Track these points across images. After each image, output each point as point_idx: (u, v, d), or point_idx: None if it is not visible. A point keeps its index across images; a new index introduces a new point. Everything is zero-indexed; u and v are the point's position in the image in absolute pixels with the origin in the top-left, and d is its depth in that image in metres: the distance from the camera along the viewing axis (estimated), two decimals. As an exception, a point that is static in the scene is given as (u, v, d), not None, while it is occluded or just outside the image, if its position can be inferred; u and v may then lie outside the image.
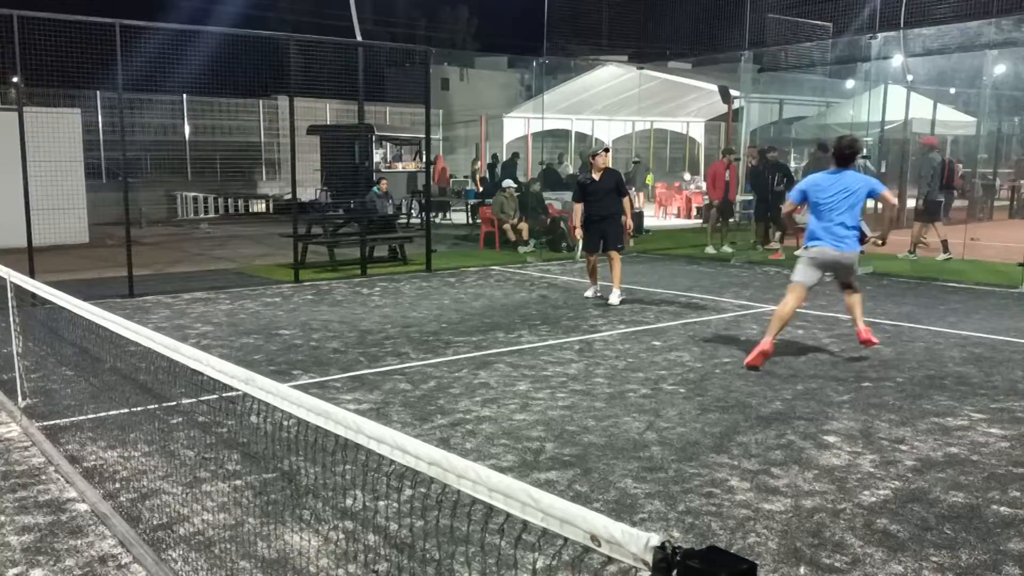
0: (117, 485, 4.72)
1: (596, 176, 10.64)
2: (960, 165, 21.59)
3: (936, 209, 15.10)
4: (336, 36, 15.93)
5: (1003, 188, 24.00)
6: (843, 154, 7.69)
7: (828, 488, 4.69)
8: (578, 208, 10.87)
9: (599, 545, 1.59)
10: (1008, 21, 12.88)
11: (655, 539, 1.47)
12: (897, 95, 18.85)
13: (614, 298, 10.69)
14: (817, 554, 3.91)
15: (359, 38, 16.77)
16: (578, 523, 1.63)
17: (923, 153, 15.93)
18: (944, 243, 14.84)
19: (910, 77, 18.99)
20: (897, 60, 16.90)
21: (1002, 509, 4.39)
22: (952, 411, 6.13)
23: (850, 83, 21.60)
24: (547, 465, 5.03)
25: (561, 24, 18.95)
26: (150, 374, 6.57)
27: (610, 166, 11.23)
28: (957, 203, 18.74)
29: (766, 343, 7.43)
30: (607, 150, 11.23)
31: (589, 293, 11.17)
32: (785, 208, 8.37)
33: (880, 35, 14.39)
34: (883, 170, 17.57)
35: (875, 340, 7.92)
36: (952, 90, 21.81)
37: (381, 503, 4.39)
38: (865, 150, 20.67)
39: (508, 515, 1.81)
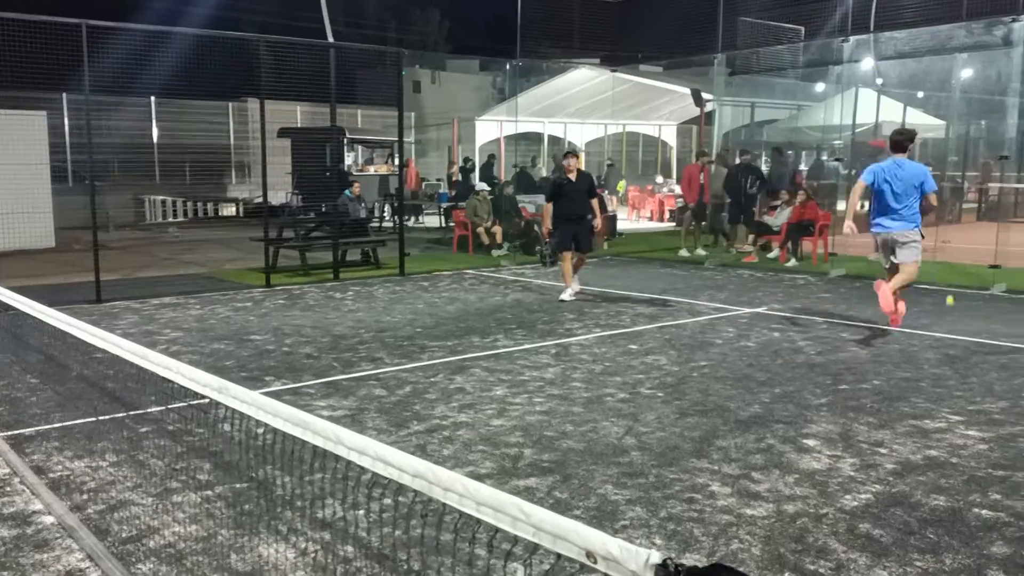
0: (84, 496, 4.58)
1: (572, 177, 10.92)
2: (929, 167, 21.83)
3: None
4: (307, 38, 15.76)
5: (970, 191, 24.27)
6: (895, 141, 8.86)
7: (810, 492, 4.65)
8: (548, 208, 11.11)
9: (595, 562, 1.52)
10: (978, 24, 13.00)
11: (655, 556, 1.40)
12: (868, 98, 18.99)
13: (567, 294, 11.18)
14: (801, 560, 3.86)
15: (331, 39, 16.61)
16: (572, 539, 1.56)
17: (872, 155, 16.16)
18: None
19: (879, 80, 19.14)
20: (867, 63, 17.01)
21: (983, 512, 4.37)
22: (930, 413, 6.13)
23: (821, 86, 21.75)
24: (526, 472, 4.96)
25: (533, 26, 18.90)
26: (118, 382, 6.43)
27: (582, 169, 11.48)
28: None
29: (897, 310, 8.80)
30: (578, 152, 11.62)
31: (567, 295, 11.11)
32: (855, 187, 9.26)
33: (852, 38, 14.47)
34: (853, 172, 17.69)
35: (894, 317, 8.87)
36: (920, 94, 22.02)
37: (359, 512, 4.29)
38: (836, 153, 20.92)
39: (497, 530, 1.74)
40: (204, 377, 2.79)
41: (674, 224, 21.45)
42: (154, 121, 23.89)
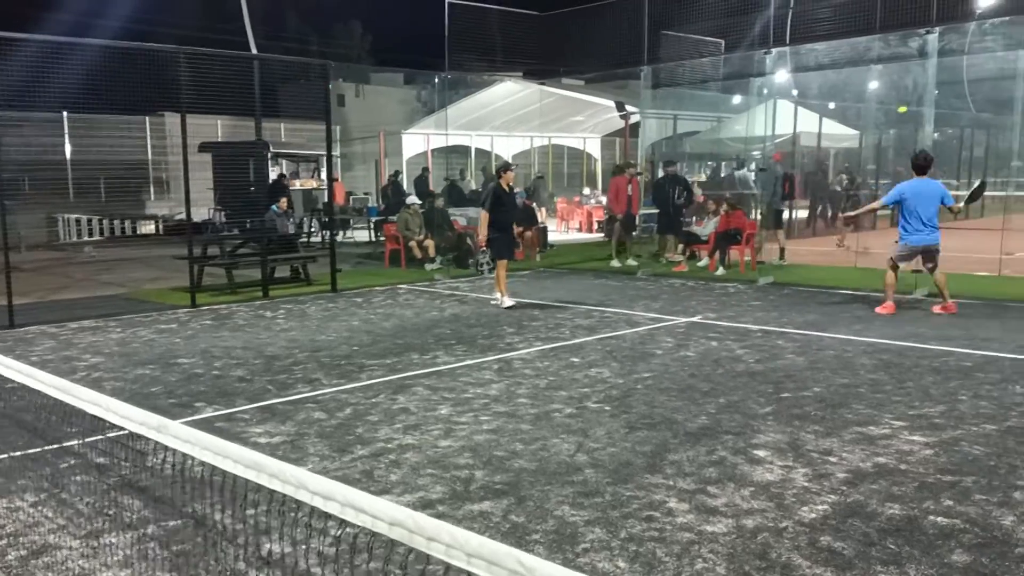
0: (3, 542, 4.24)
1: (507, 189, 11.44)
2: (844, 176, 22.55)
3: (778, 218, 16.60)
4: (226, 50, 15.34)
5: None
6: (918, 165, 10.34)
7: (767, 506, 4.60)
8: (486, 216, 11.30)
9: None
10: (895, 37, 13.36)
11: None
12: (786, 109, 19.41)
13: (504, 301, 11.47)
14: (767, 577, 3.79)
15: (254, 51, 16.21)
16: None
17: (769, 167, 16.79)
18: (782, 250, 16.12)
19: (795, 92, 19.57)
20: (786, 75, 17.33)
21: (939, 519, 4.37)
22: (873, 420, 6.17)
23: (741, 98, 22.16)
24: (479, 495, 4.79)
25: (457, 39, 18.79)
26: (34, 413, 6.04)
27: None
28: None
29: (890, 306, 10.63)
30: (513, 167, 11.95)
31: (510, 303, 11.42)
32: (874, 204, 11.63)
33: (774, 50, 14.74)
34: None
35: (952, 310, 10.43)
36: (831, 105, 22.60)
37: (305, 547, 4.06)
38: (754, 164, 21.39)
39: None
40: (140, 415, 2.55)
41: (603, 235, 21.51)
42: (67, 137, 22.99)
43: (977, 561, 3.90)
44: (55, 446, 5.46)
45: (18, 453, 5.43)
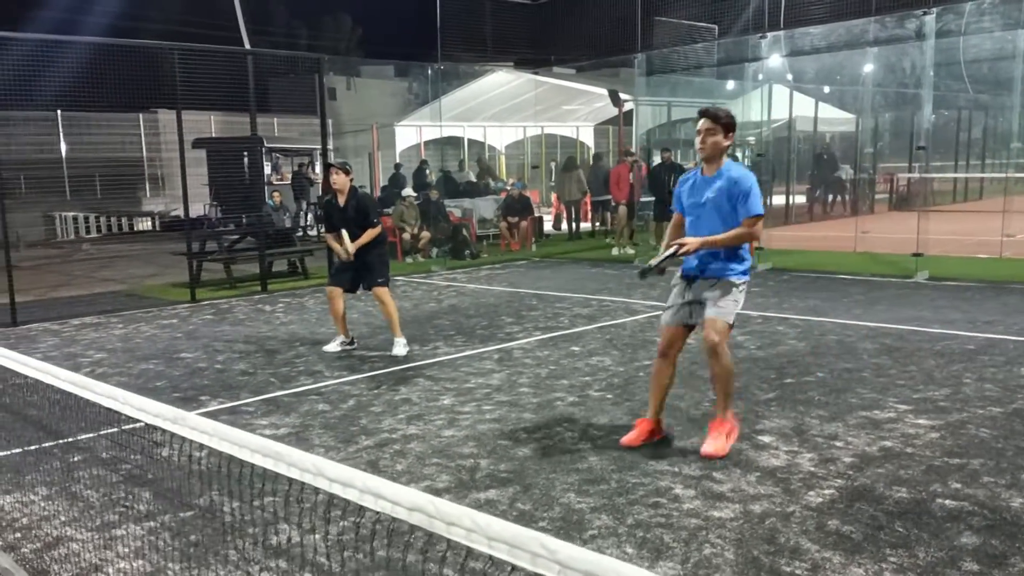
0: (17, 534, 4.25)
1: (340, 201, 8.11)
2: (848, 167, 22.68)
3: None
4: (212, 45, 15.28)
5: (880, 181, 25.06)
6: None
7: (774, 491, 4.61)
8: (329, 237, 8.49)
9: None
10: (891, 19, 13.32)
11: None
12: (782, 94, 19.40)
13: (399, 348, 8.20)
14: (776, 562, 3.80)
15: (248, 46, 16.16)
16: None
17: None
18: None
19: (789, 76, 19.56)
20: (777, 60, 17.29)
21: (947, 502, 4.39)
22: (877, 404, 6.18)
23: (736, 83, 22.13)
24: (485, 484, 4.80)
25: (448, 30, 18.75)
26: (43, 409, 6.04)
27: (352, 185, 8.21)
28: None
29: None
30: (345, 167, 8.21)
31: (332, 346, 8.37)
32: None
33: (769, 35, 14.70)
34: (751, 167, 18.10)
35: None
36: (826, 89, 22.59)
37: (316, 536, 4.07)
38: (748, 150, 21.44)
39: (513, 567, 1.58)
40: (155, 407, 2.55)
41: (598, 224, 21.44)
42: (61, 135, 22.92)
43: (987, 543, 3.91)
44: (63, 441, 5.47)
45: (31, 448, 5.42)
